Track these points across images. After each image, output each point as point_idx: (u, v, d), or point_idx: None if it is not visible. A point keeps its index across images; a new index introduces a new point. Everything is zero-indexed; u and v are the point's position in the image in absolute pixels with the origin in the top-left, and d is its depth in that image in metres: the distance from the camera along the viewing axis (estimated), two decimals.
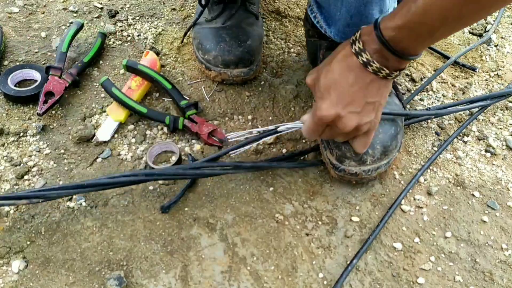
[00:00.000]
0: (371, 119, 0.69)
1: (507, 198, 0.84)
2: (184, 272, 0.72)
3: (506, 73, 1.06)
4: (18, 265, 0.71)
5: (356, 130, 0.70)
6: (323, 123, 0.69)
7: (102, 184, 0.73)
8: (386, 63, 0.64)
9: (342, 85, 0.67)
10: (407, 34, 0.60)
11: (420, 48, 0.64)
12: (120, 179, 0.74)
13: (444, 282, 0.73)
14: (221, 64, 0.93)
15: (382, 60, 0.64)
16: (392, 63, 0.64)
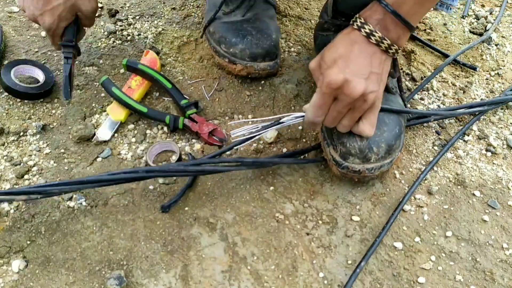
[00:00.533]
0: (376, 90, 0.70)
1: (508, 197, 0.84)
2: (184, 271, 0.72)
3: (506, 72, 1.06)
4: (18, 265, 0.71)
5: (363, 100, 0.70)
6: (331, 91, 0.69)
7: (103, 181, 0.73)
8: (387, 34, 0.68)
9: (348, 55, 0.69)
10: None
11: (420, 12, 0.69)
12: (121, 175, 0.73)
13: (444, 281, 0.73)
14: (248, 58, 0.93)
15: (383, 31, 0.68)
16: (393, 34, 0.69)
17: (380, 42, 0.69)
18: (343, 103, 0.70)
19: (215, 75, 0.99)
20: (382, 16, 0.68)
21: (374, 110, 0.73)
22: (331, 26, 0.90)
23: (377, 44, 0.69)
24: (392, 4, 0.67)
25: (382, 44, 0.69)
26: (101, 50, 1.02)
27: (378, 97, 0.72)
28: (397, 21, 0.68)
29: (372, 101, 0.71)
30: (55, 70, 0.98)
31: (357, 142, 0.76)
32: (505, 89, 1.01)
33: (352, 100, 0.69)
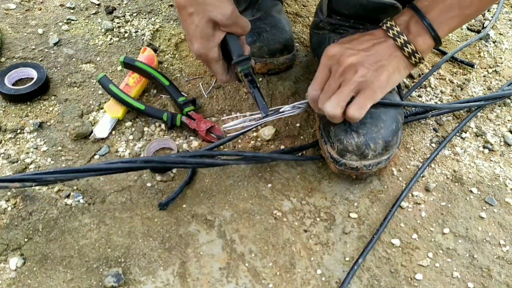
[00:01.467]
0: (369, 68, 0.70)
1: (505, 194, 0.84)
2: (182, 268, 0.72)
3: (504, 69, 1.06)
4: (15, 262, 0.71)
5: (353, 71, 0.70)
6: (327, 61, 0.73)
7: (98, 170, 0.72)
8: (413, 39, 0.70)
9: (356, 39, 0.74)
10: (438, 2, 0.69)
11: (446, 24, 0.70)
12: (118, 165, 0.73)
13: (442, 278, 0.73)
14: (267, 54, 0.94)
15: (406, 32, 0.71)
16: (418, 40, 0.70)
17: (404, 46, 0.70)
18: (335, 75, 0.72)
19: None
20: (408, 18, 0.71)
21: (367, 93, 0.71)
22: (326, 25, 0.90)
23: (401, 47, 0.71)
24: (421, 7, 0.70)
25: (405, 48, 0.70)
26: (98, 47, 1.02)
27: (374, 80, 0.71)
28: (423, 25, 0.70)
29: (362, 76, 0.70)
30: (52, 67, 0.97)
31: (354, 138, 0.76)
32: (503, 85, 1.01)
33: (342, 68, 0.70)
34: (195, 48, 0.76)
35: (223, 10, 0.74)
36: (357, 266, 0.72)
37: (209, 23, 0.74)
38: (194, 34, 0.75)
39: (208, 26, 0.74)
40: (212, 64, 0.77)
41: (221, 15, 0.74)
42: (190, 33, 0.75)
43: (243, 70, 0.76)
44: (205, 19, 0.74)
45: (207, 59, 0.77)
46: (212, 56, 0.76)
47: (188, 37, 0.76)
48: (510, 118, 0.96)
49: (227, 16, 0.74)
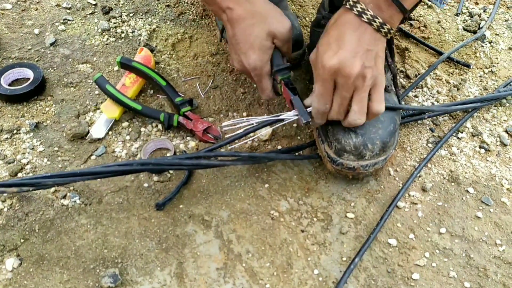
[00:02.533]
0: (372, 65, 0.69)
1: (501, 194, 0.84)
2: (179, 269, 0.72)
3: (500, 69, 1.06)
4: (12, 263, 0.71)
5: (362, 77, 0.68)
6: (330, 76, 0.69)
7: (96, 173, 0.72)
8: (379, 13, 0.67)
9: (340, 36, 0.69)
10: None
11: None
12: (114, 168, 0.73)
13: (438, 277, 0.73)
14: None
15: (376, 10, 0.67)
16: (385, 14, 0.67)
17: (372, 21, 0.67)
18: (345, 86, 0.69)
19: (209, 72, 0.99)
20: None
21: (379, 87, 0.71)
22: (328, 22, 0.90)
23: (369, 22, 0.67)
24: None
25: (374, 23, 0.67)
26: (94, 47, 1.02)
27: (379, 72, 0.70)
28: (390, 1, 0.67)
29: (371, 76, 0.69)
30: (49, 67, 0.97)
31: (352, 138, 0.76)
32: (499, 86, 1.02)
33: (352, 80, 0.68)
34: (251, 60, 0.75)
35: (284, 24, 0.76)
36: (354, 265, 0.72)
37: (269, 36, 0.75)
38: (252, 45, 0.75)
39: (268, 39, 0.75)
40: (264, 79, 0.78)
41: (282, 28, 0.76)
42: (246, 45, 0.75)
43: (283, 78, 0.77)
44: (266, 31, 0.75)
45: (260, 73, 0.77)
46: (266, 69, 0.77)
47: (242, 50, 0.76)
48: (506, 118, 0.96)
49: (286, 30, 0.76)
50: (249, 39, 0.75)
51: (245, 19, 0.74)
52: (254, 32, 0.74)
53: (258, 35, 0.75)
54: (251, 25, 0.74)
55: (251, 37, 0.74)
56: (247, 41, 0.75)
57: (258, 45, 0.75)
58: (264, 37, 0.75)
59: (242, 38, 0.75)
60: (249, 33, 0.74)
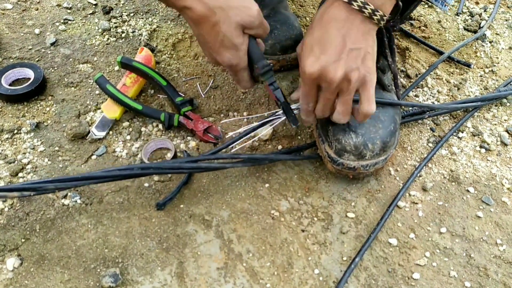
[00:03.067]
0: (358, 66, 0.66)
1: (502, 194, 0.84)
2: (180, 269, 0.72)
3: (500, 69, 1.06)
4: (13, 263, 0.71)
5: (347, 81, 0.66)
6: (312, 81, 0.67)
7: (97, 178, 0.72)
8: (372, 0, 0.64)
9: (324, 37, 0.66)
10: None
11: None
12: (115, 172, 0.73)
13: (439, 277, 0.73)
14: (279, 51, 0.94)
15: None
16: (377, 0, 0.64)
17: (362, 8, 0.63)
18: (328, 90, 0.68)
19: (210, 72, 0.99)
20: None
21: (368, 86, 0.68)
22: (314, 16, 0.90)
23: (360, 10, 0.64)
24: None
25: (365, 10, 0.64)
26: (95, 47, 1.02)
27: (367, 71, 0.67)
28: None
29: (357, 79, 0.66)
30: (49, 67, 0.97)
31: (353, 138, 0.76)
32: (499, 85, 1.02)
33: (335, 85, 0.66)
34: (226, 59, 0.71)
35: (250, 11, 0.69)
36: (354, 265, 0.72)
37: (237, 29, 0.69)
38: (222, 44, 0.69)
39: (237, 33, 0.69)
40: (240, 72, 0.74)
41: (249, 16, 0.69)
42: (216, 44, 0.69)
43: (267, 80, 0.74)
44: (233, 25, 0.68)
45: (237, 68, 0.73)
46: (242, 65, 0.72)
47: (213, 49, 0.70)
48: (507, 118, 0.96)
49: (254, 16, 0.70)
50: (218, 38, 0.69)
51: (207, 18, 0.68)
52: (221, 31, 0.68)
53: (226, 33, 0.68)
54: (215, 24, 0.68)
55: (218, 36, 0.69)
56: (216, 41, 0.69)
57: (230, 44, 0.69)
58: (234, 34, 0.69)
59: (210, 38, 0.70)
60: (216, 32, 0.68)
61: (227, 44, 0.69)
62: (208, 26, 0.68)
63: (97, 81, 0.90)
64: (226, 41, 0.69)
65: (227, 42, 0.69)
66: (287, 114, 0.75)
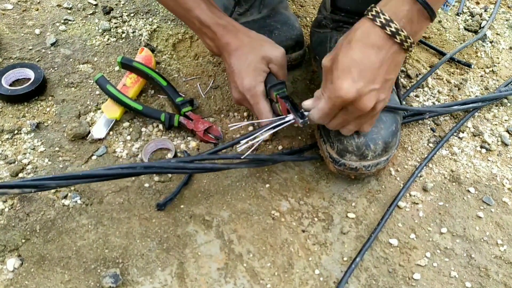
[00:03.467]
0: (386, 97, 0.68)
1: (502, 194, 0.84)
2: (180, 269, 0.72)
3: (501, 69, 1.06)
4: (13, 263, 0.71)
5: (373, 109, 0.68)
6: (341, 104, 0.67)
7: (99, 176, 0.71)
8: (411, 28, 0.63)
9: (364, 62, 0.65)
10: None
11: None
12: (118, 171, 0.72)
13: (439, 277, 0.73)
14: None
15: (407, 25, 0.63)
16: (416, 26, 0.64)
17: (404, 41, 0.64)
18: (353, 114, 0.68)
19: (210, 72, 0.99)
20: (410, 7, 0.62)
21: (379, 114, 0.73)
22: (329, 23, 0.90)
23: (401, 43, 0.64)
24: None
25: (405, 43, 0.64)
26: (95, 47, 1.02)
27: (386, 102, 0.70)
28: (422, 10, 0.62)
29: (380, 108, 0.70)
30: (50, 67, 0.97)
31: (354, 139, 0.76)
32: (500, 85, 1.01)
33: (363, 112, 0.67)
34: (245, 82, 0.79)
35: (278, 50, 0.81)
36: (355, 265, 0.72)
37: (263, 60, 0.79)
38: (246, 69, 0.79)
39: (262, 62, 0.79)
40: (259, 100, 0.79)
41: (277, 53, 0.80)
42: (241, 70, 0.79)
43: (278, 93, 0.79)
44: (260, 56, 0.79)
45: (255, 93, 0.79)
46: (260, 89, 0.79)
47: (236, 75, 0.79)
48: (507, 118, 0.96)
49: (281, 55, 0.81)
50: (244, 64, 0.79)
51: (241, 48, 0.79)
52: (249, 58, 0.79)
53: (252, 60, 0.79)
54: (246, 53, 0.79)
55: (246, 62, 0.79)
56: (242, 66, 0.79)
57: (253, 68, 0.78)
58: (259, 61, 0.79)
59: (237, 64, 0.79)
60: (244, 59, 0.79)
61: (250, 68, 0.78)
62: (239, 55, 0.79)
63: (98, 81, 0.90)
64: (250, 66, 0.78)
65: (251, 67, 0.78)
66: (294, 114, 0.74)
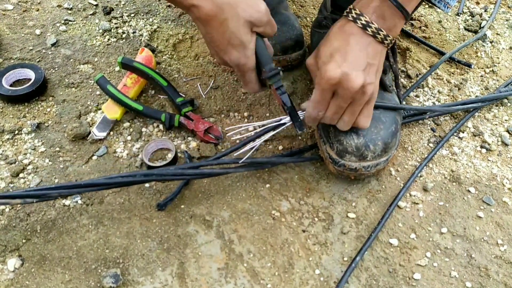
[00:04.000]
0: (374, 81, 0.70)
1: (502, 194, 0.84)
2: (180, 269, 0.72)
3: (501, 69, 1.06)
4: (14, 263, 0.71)
5: (362, 92, 0.69)
6: (330, 86, 0.68)
7: (99, 185, 0.73)
8: (383, 23, 0.68)
9: (344, 48, 0.68)
10: None
11: None
12: (118, 179, 0.73)
13: (440, 277, 0.73)
14: (280, 52, 0.94)
15: (379, 20, 0.68)
16: (389, 22, 0.68)
17: (376, 34, 0.68)
18: (344, 97, 0.69)
19: (210, 72, 0.99)
20: (379, 3, 0.68)
21: (371, 102, 0.73)
22: (330, 23, 0.90)
23: (373, 35, 0.68)
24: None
25: (378, 36, 0.69)
26: (96, 48, 1.02)
27: (375, 89, 0.71)
28: (394, 8, 0.67)
29: (370, 92, 0.70)
30: (50, 68, 0.97)
31: (354, 140, 0.76)
32: (500, 85, 1.02)
33: (352, 93, 0.68)
34: (233, 58, 0.70)
35: (258, 7, 0.69)
36: (355, 264, 0.72)
37: (245, 26, 0.68)
38: (230, 42, 0.68)
39: (245, 31, 0.68)
40: (248, 73, 0.72)
41: (257, 12, 0.68)
42: (224, 42, 0.68)
43: (274, 83, 0.73)
44: (242, 22, 0.67)
45: (244, 68, 0.71)
46: (250, 65, 0.71)
47: (220, 47, 0.69)
48: (507, 118, 0.96)
49: (262, 12, 0.69)
50: (225, 36, 0.68)
51: (214, 15, 0.66)
52: (229, 28, 0.67)
53: (234, 30, 0.67)
54: (223, 21, 0.67)
55: (226, 33, 0.68)
56: (224, 38, 0.68)
57: (238, 41, 0.68)
58: (242, 31, 0.68)
59: (217, 36, 0.68)
60: (224, 30, 0.67)
61: (234, 41, 0.68)
62: (216, 24, 0.67)
63: (98, 81, 0.90)
64: (233, 38, 0.68)
65: (235, 40, 0.68)
66: (293, 119, 0.75)
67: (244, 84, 0.75)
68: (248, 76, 0.73)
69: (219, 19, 0.67)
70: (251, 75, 0.73)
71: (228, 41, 0.68)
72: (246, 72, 0.72)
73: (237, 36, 0.68)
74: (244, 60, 0.70)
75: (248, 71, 0.72)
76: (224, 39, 0.68)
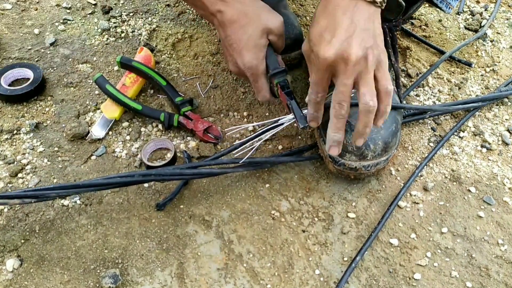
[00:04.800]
0: (372, 44, 0.65)
1: (503, 193, 0.84)
2: (180, 269, 0.72)
3: (501, 68, 1.06)
4: (12, 264, 0.71)
5: (364, 60, 0.64)
6: (327, 67, 0.66)
7: (98, 185, 0.73)
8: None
9: (332, 23, 0.65)
10: None
11: None
12: (116, 179, 0.73)
13: (440, 277, 0.73)
14: None
15: None
16: None
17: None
18: (346, 73, 0.65)
19: (209, 72, 0.98)
20: None
21: (383, 65, 0.67)
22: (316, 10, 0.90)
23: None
24: None
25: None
26: (94, 47, 1.02)
27: (380, 51, 0.66)
28: None
29: (373, 58, 0.65)
30: (49, 67, 0.97)
31: None
32: (500, 85, 1.01)
33: (352, 65, 0.64)
34: (246, 59, 0.75)
35: (276, 19, 0.77)
36: (355, 264, 0.72)
37: (263, 33, 0.75)
38: (246, 45, 0.74)
39: (262, 36, 0.75)
40: (260, 78, 0.77)
41: (276, 23, 0.76)
42: (240, 45, 0.74)
43: (279, 82, 0.77)
44: (260, 28, 0.75)
45: (256, 72, 0.76)
46: (261, 68, 0.76)
47: (236, 50, 0.75)
48: (508, 117, 0.96)
49: (280, 24, 0.77)
50: (243, 39, 0.74)
51: (237, 20, 0.74)
52: (248, 32, 0.74)
53: (252, 34, 0.74)
54: (244, 25, 0.74)
55: (244, 36, 0.74)
56: (241, 41, 0.75)
57: (253, 44, 0.75)
58: (259, 35, 0.75)
59: (236, 38, 0.75)
60: (243, 32, 0.74)
61: (250, 43, 0.74)
62: (237, 27, 0.74)
63: (97, 81, 0.89)
64: (250, 41, 0.74)
65: (251, 42, 0.74)
66: (296, 113, 0.74)
67: (256, 91, 0.80)
68: (260, 83, 0.77)
69: (240, 23, 0.74)
70: (262, 81, 0.77)
71: (245, 44, 0.74)
72: (258, 76, 0.77)
73: (254, 39, 0.74)
74: (256, 62, 0.75)
75: (260, 75, 0.77)
76: (242, 41, 0.74)
